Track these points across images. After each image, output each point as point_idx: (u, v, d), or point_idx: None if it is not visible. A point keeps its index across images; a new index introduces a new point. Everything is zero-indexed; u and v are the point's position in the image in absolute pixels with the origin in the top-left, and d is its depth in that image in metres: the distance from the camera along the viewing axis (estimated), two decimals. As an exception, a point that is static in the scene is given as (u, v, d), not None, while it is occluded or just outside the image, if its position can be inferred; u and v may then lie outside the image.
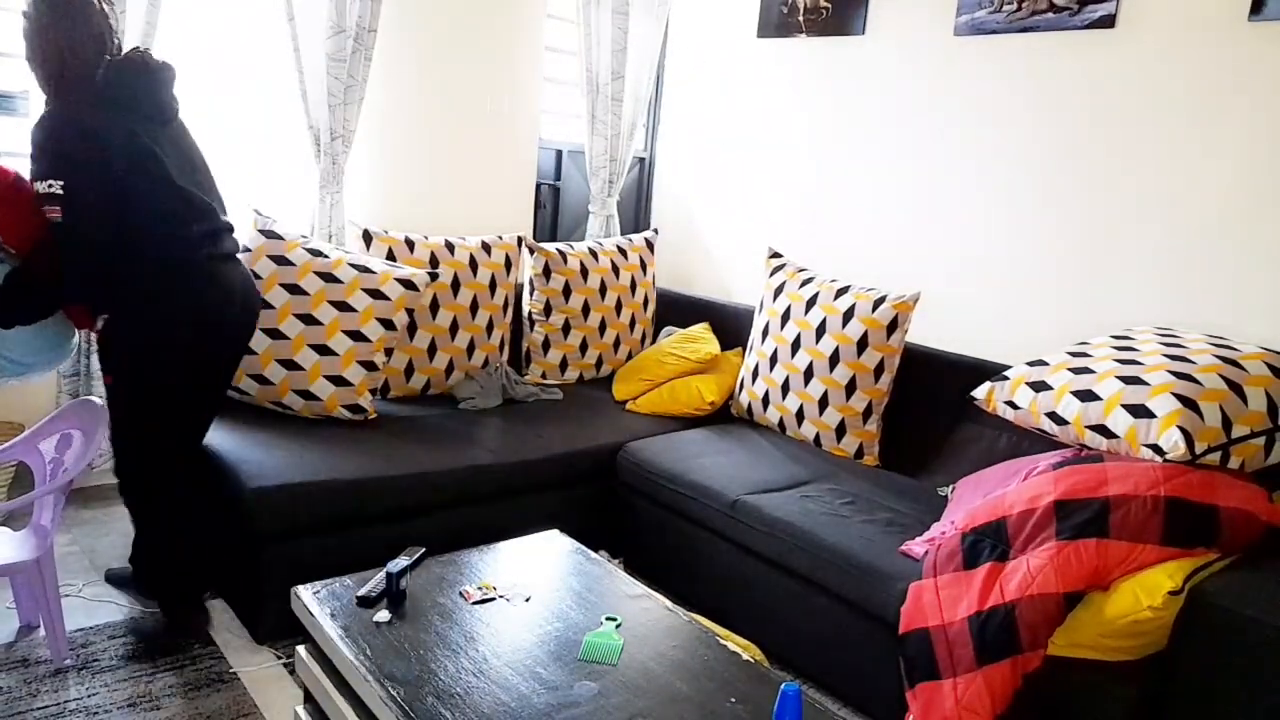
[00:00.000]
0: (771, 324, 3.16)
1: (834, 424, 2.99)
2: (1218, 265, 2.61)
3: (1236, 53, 2.53)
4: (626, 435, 3.06)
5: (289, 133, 3.36)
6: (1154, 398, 2.12)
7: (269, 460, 2.42)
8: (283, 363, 2.75)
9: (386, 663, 1.61)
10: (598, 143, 4.08)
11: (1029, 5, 2.93)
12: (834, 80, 3.56)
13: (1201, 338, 2.34)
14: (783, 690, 1.47)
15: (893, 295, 2.92)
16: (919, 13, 3.25)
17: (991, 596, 1.99)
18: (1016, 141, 3.02)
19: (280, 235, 2.87)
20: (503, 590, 1.91)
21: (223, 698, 2.14)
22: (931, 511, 2.53)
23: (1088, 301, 2.88)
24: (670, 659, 1.72)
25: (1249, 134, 2.53)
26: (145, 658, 2.26)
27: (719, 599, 2.62)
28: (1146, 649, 1.87)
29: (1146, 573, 1.90)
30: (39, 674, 2.16)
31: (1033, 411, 2.37)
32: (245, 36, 3.26)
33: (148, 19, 2.90)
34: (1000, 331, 3.07)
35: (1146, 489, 1.98)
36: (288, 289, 2.79)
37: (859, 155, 3.49)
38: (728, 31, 3.97)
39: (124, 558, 2.75)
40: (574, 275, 3.53)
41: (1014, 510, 2.09)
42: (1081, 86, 2.85)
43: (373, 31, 3.31)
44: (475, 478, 2.67)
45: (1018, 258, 3.04)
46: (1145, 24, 2.71)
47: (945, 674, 2.00)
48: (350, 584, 1.87)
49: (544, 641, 1.74)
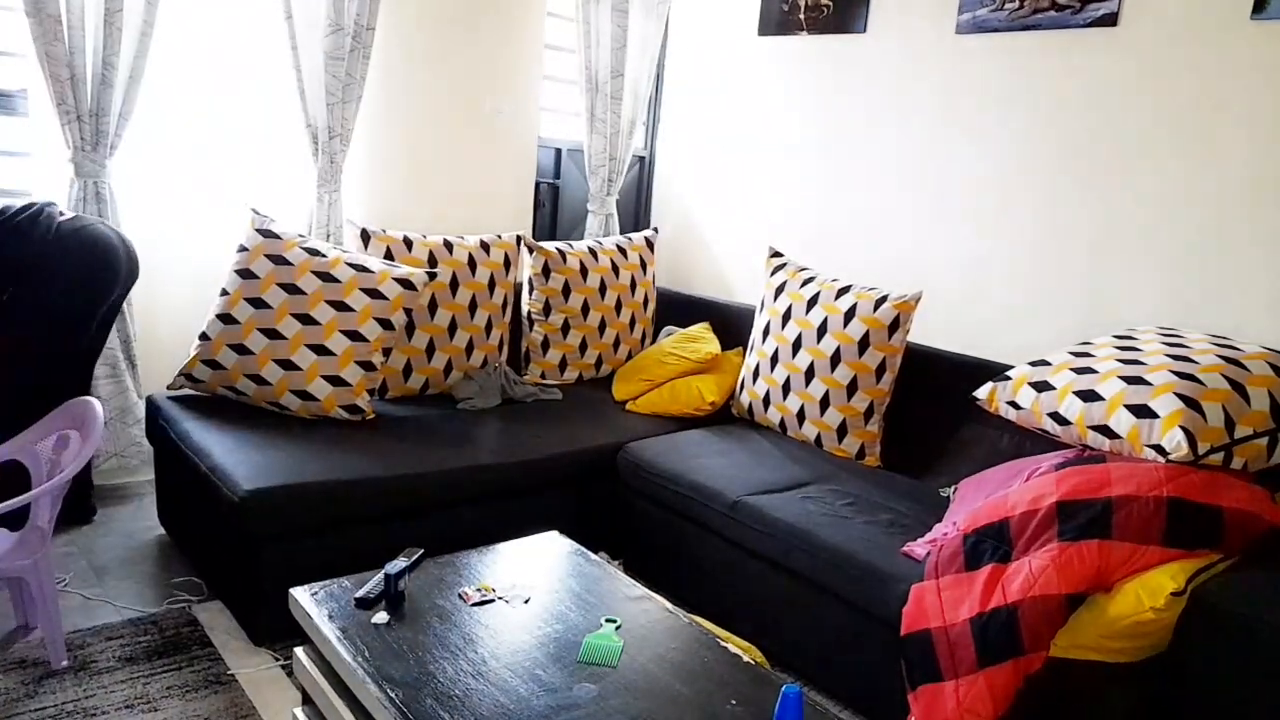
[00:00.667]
0: (772, 323, 3.15)
1: (835, 424, 2.98)
2: (1220, 264, 2.60)
3: (1238, 52, 2.53)
4: (626, 435, 3.05)
5: (287, 131, 3.35)
6: (1156, 398, 2.11)
7: (266, 461, 2.41)
8: (280, 363, 2.74)
9: (385, 664, 1.60)
10: (597, 141, 4.07)
11: (1031, 3, 2.92)
12: (835, 78, 3.55)
13: (1204, 337, 2.33)
14: (784, 692, 1.46)
15: (894, 295, 2.91)
16: (921, 10, 3.24)
17: (993, 598, 1.98)
18: (1018, 140, 3.01)
19: (278, 234, 2.86)
20: (502, 592, 1.90)
21: (220, 699, 2.13)
22: (933, 512, 2.52)
23: (1090, 301, 2.87)
24: (670, 661, 1.71)
25: (1250, 133, 2.52)
26: (142, 659, 2.25)
27: (719, 600, 2.61)
28: (1149, 650, 1.87)
29: (1149, 574, 1.89)
30: (36, 675, 2.15)
31: (1035, 412, 2.36)
32: (243, 35, 3.25)
33: (145, 18, 2.89)
34: (1002, 331, 3.06)
35: (1149, 490, 1.97)
36: (285, 288, 2.78)
37: (860, 154, 3.48)
38: (728, 29, 3.96)
39: (121, 559, 2.75)
40: (573, 274, 3.52)
41: (1016, 511, 2.08)
42: (1083, 85, 2.84)
43: (371, 30, 3.30)
44: (474, 478, 2.66)
45: (1020, 257, 3.03)
46: (1147, 23, 2.70)
47: (947, 675, 1.99)
48: (348, 585, 1.86)
49: (543, 643, 1.73)
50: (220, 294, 2.80)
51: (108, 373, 3.03)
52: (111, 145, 2.93)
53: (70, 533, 2.86)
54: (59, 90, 2.78)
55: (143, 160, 3.12)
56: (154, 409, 2.81)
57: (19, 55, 2.87)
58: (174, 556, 2.80)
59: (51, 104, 2.80)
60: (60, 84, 2.78)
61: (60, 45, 2.75)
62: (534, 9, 3.90)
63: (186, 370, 2.76)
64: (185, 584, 2.63)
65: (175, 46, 3.12)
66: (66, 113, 2.82)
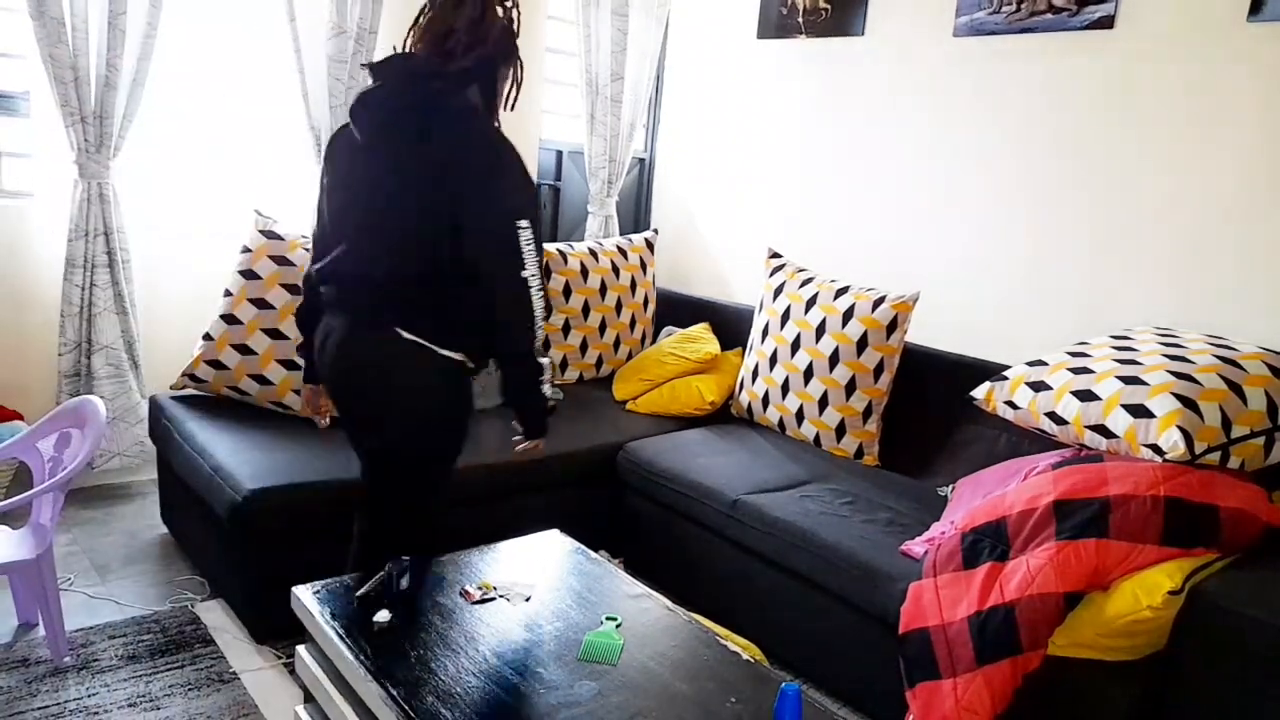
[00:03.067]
0: (771, 324, 3.16)
1: (834, 424, 2.99)
2: (1217, 265, 2.61)
3: (1235, 53, 2.54)
4: (626, 435, 3.06)
5: (290, 133, 3.37)
6: (1153, 398, 2.12)
7: (269, 460, 2.42)
8: (283, 363, 2.75)
9: (386, 663, 1.61)
10: (597, 143, 4.08)
11: (1028, 6, 2.93)
12: (834, 81, 3.57)
13: (1201, 338, 2.34)
14: (782, 690, 1.47)
15: (892, 295, 2.92)
16: (918, 14, 3.25)
17: (991, 596, 1.99)
18: (1016, 142, 3.02)
19: (281, 235, 2.87)
20: (503, 590, 1.91)
21: (223, 697, 2.14)
22: (931, 511, 2.53)
23: (1087, 301, 2.88)
24: (670, 659, 1.71)
25: (1248, 134, 2.53)
26: (145, 657, 2.26)
27: (719, 599, 2.62)
28: (1146, 649, 1.88)
29: (1146, 572, 1.90)
30: (38, 673, 2.16)
31: (1032, 411, 2.37)
32: (246, 37, 3.27)
33: (149, 20, 2.90)
34: (1000, 331, 3.07)
35: (1146, 489, 1.98)
36: (288, 289, 2.79)
37: (859, 156, 3.49)
38: (727, 32, 3.97)
39: (124, 557, 2.76)
40: (574, 275, 3.53)
41: (1014, 510, 2.09)
42: (1081, 87, 2.85)
43: (373, 33, 3.32)
44: (475, 477, 2.66)
45: (1017, 258, 3.04)
46: (1144, 24, 2.71)
47: (945, 674, 2.00)
48: (350, 584, 1.87)
49: (544, 641, 1.74)
50: (224, 294, 2.81)
51: (111, 372, 3.04)
52: (115, 147, 2.95)
53: (73, 531, 2.87)
54: (63, 92, 2.80)
55: (146, 162, 3.14)
56: (157, 409, 2.82)
57: (21, 57, 2.89)
58: (176, 555, 2.81)
59: (55, 106, 2.81)
60: (64, 86, 2.79)
61: (64, 48, 2.76)
62: (534, 12, 3.91)
63: (190, 370, 2.77)
64: (188, 582, 2.64)
65: (179, 49, 3.13)
66: (70, 114, 2.83)
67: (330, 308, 1.94)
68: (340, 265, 1.86)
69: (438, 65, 1.79)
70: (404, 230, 1.79)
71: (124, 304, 3.05)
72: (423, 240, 1.78)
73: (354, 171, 1.86)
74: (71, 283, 2.95)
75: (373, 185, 1.82)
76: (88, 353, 3.01)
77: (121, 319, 3.05)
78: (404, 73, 1.83)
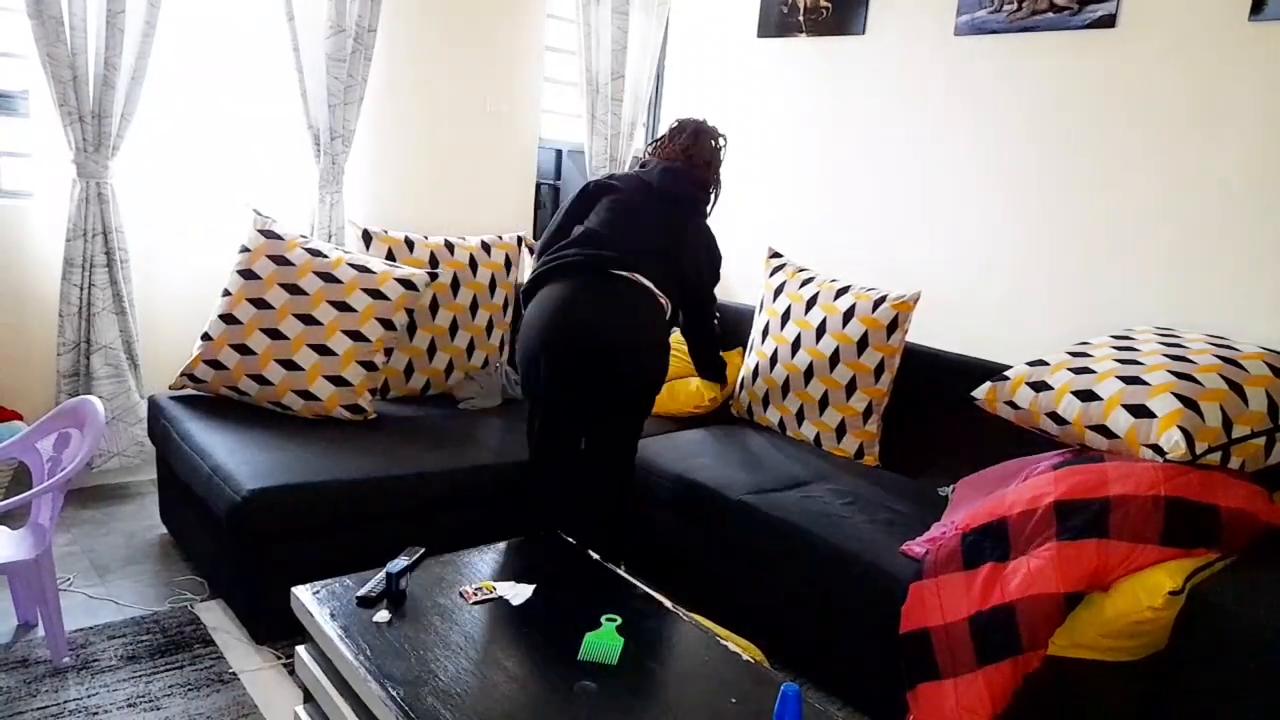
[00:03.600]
0: (771, 324, 3.16)
1: (834, 424, 2.98)
2: (1218, 265, 2.61)
3: (1237, 53, 2.53)
4: (626, 435, 3.05)
5: (288, 132, 3.36)
6: (1154, 398, 2.12)
7: (268, 460, 2.42)
8: (282, 363, 2.75)
9: (386, 663, 1.61)
10: (598, 142, 4.08)
11: (1029, 5, 2.93)
12: (834, 80, 3.56)
13: (1202, 338, 2.34)
14: (783, 690, 1.47)
15: (893, 295, 2.92)
16: (919, 12, 3.25)
17: (992, 597, 1.99)
18: (1017, 141, 3.02)
19: (280, 235, 2.87)
20: (502, 590, 1.91)
21: (222, 698, 2.14)
22: (932, 511, 2.53)
23: (1088, 301, 2.87)
24: (670, 659, 1.71)
25: (1249, 134, 2.53)
26: (145, 658, 2.26)
27: (719, 599, 2.62)
28: (1147, 649, 1.87)
29: (1147, 573, 1.89)
30: (38, 674, 2.16)
31: (1033, 411, 2.36)
32: (245, 36, 3.26)
33: (147, 19, 2.90)
34: (1001, 331, 3.07)
35: (1147, 489, 1.98)
36: (287, 289, 2.79)
37: (859, 155, 3.49)
38: (728, 31, 3.97)
39: (123, 557, 2.76)
40: (574, 275, 3.54)
41: (1014, 510, 2.09)
42: (1082, 86, 2.85)
43: (372, 31, 3.31)
44: (475, 478, 2.67)
45: (1018, 257, 3.04)
46: (1146, 24, 2.71)
47: (945, 674, 1.99)
48: (350, 584, 1.87)
49: (544, 641, 1.73)
50: (222, 294, 2.80)
51: (110, 372, 3.04)
52: (114, 146, 2.94)
53: (73, 531, 2.87)
54: (61, 91, 2.79)
55: (145, 161, 3.13)
56: (156, 409, 2.82)
57: (20, 56, 2.88)
58: (176, 555, 2.81)
59: (54, 105, 2.81)
60: (62, 85, 2.79)
61: (62, 47, 2.76)
62: (534, 11, 3.91)
63: (189, 370, 2.77)
64: (187, 583, 2.64)
65: (177, 48, 3.13)
66: (69, 114, 2.83)
67: (570, 277, 2.53)
68: (589, 250, 2.57)
69: (699, 185, 2.75)
70: (666, 268, 2.63)
71: (123, 304, 3.04)
72: (670, 274, 2.64)
73: (644, 218, 2.65)
74: (70, 282, 2.94)
75: (659, 233, 2.64)
76: (86, 353, 3.00)
77: (120, 319, 3.05)
78: (678, 178, 2.71)
